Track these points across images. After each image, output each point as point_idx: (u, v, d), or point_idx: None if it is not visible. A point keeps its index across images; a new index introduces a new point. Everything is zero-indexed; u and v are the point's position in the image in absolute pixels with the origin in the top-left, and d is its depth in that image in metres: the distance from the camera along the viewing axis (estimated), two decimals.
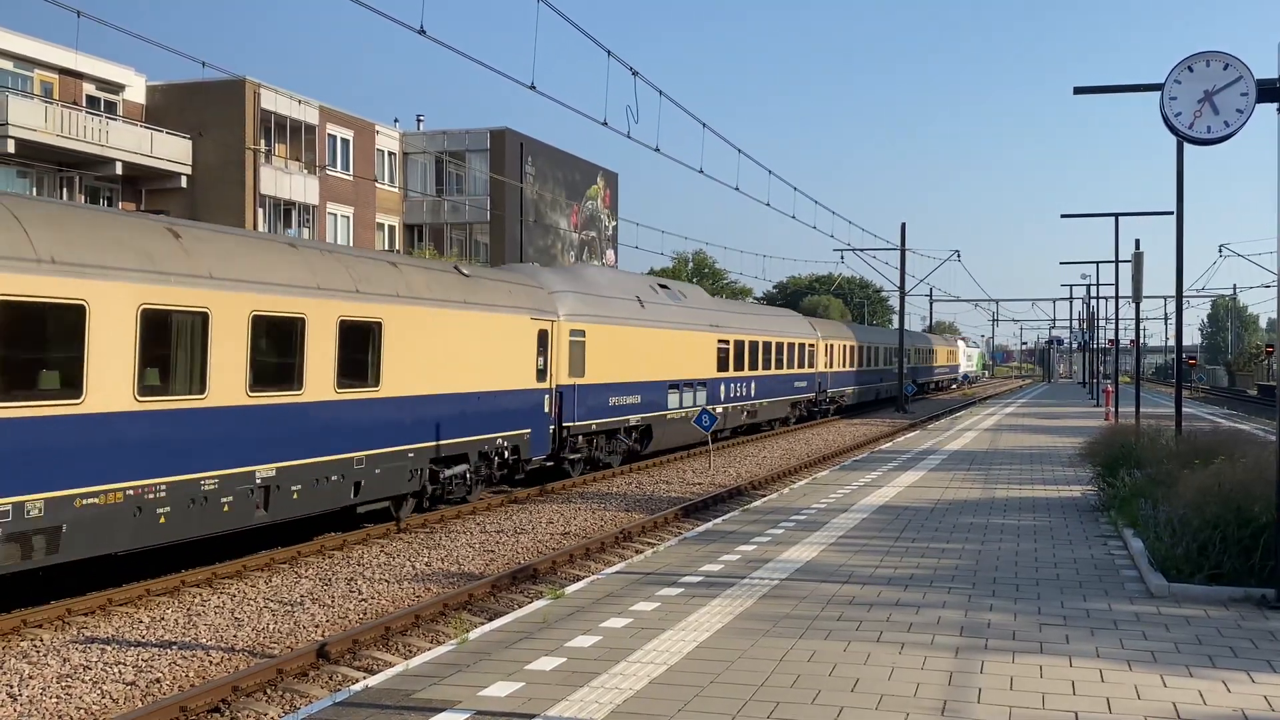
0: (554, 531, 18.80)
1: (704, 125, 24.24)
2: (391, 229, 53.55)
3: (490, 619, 12.32)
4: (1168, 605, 10.32)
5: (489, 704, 7.39)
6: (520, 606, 12.51)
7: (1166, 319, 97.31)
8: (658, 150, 23.01)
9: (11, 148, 35.93)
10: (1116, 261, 37.03)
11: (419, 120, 57.11)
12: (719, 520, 15.91)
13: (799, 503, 17.62)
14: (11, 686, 10.08)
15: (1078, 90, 18.49)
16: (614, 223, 66.57)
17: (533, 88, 17.75)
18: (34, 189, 37.90)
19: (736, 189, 30.14)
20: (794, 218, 61.16)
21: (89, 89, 41.45)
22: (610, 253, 66.30)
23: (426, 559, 16.23)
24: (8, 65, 38.20)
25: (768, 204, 33.58)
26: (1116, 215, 34.13)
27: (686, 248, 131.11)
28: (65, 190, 39.49)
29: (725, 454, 32.68)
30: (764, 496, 20.80)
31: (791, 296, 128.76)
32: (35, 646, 11.37)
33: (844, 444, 37.06)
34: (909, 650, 8.65)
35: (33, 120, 36.43)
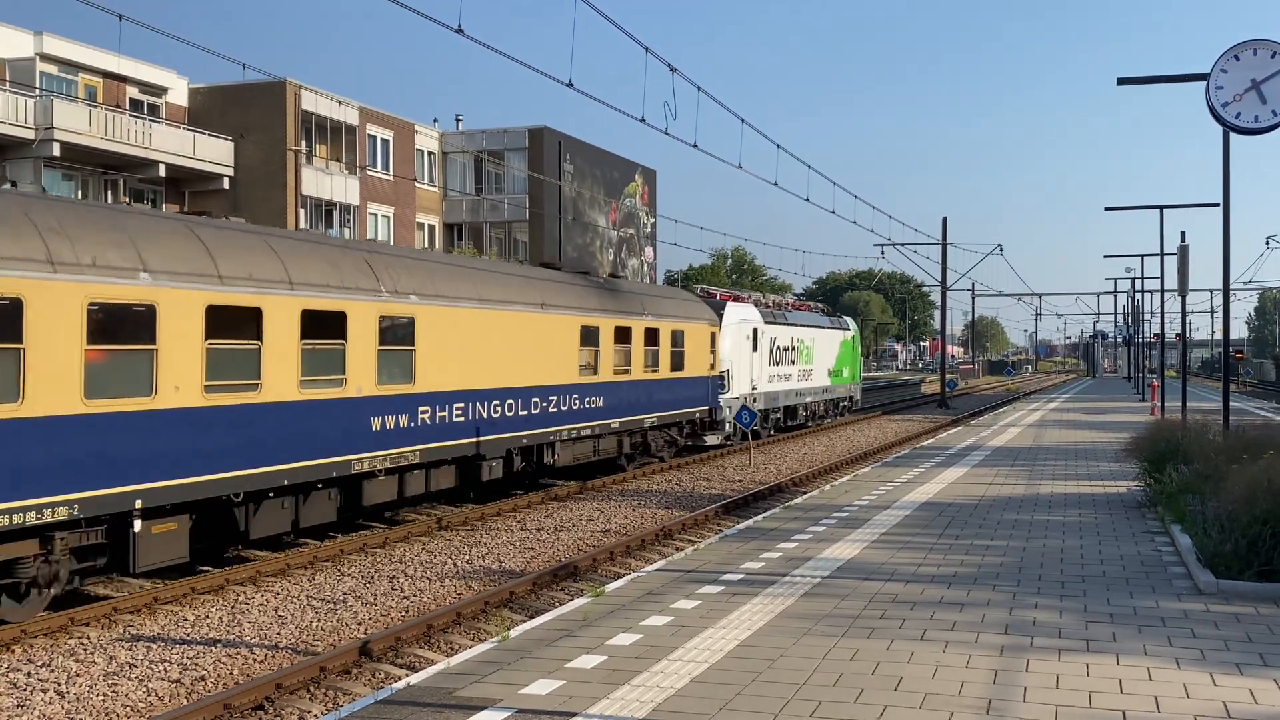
0: (594, 529, 18.81)
1: (743, 121, 24.14)
2: (431, 228, 53.80)
3: (531, 616, 12.34)
4: (1216, 603, 10.16)
5: (530, 702, 7.39)
6: (561, 604, 12.52)
7: (1212, 312, 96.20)
8: (696, 146, 22.93)
9: (57, 151, 36.42)
10: (1162, 254, 36.63)
11: (458, 120, 57.39)
12: (760, 517, 15.85)
13: (840, 499, 17.52)
14: (60, 684, 10.21)
15: (1121, 81, 18.27)
16: (652, 220, 66.53)
17: (570, 85, 17.69)
18: (79, 192, 38.40)
19: (775, 184, 29.87)
20: (833, 213, 60.74)
21: (132, 92, 41.93)
22: (649, 250, 66.27)
23: (468, 556, 16.28)
24: (52, 70, 38.72)
25: (807, 199, 33.30)
26: (1161, 208, 33.78)
27: (725, 244, 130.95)
28: (110, 192, 39.99)
29: (765, 451, 32.58)
30: (805, 493, 20.70)
31: (831, 292, 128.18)
32: (82, 644, 11.50)
33: (886, 440, 36.84)
34: (953, 649, 8.56)
35: (78, 124, 36.91)
